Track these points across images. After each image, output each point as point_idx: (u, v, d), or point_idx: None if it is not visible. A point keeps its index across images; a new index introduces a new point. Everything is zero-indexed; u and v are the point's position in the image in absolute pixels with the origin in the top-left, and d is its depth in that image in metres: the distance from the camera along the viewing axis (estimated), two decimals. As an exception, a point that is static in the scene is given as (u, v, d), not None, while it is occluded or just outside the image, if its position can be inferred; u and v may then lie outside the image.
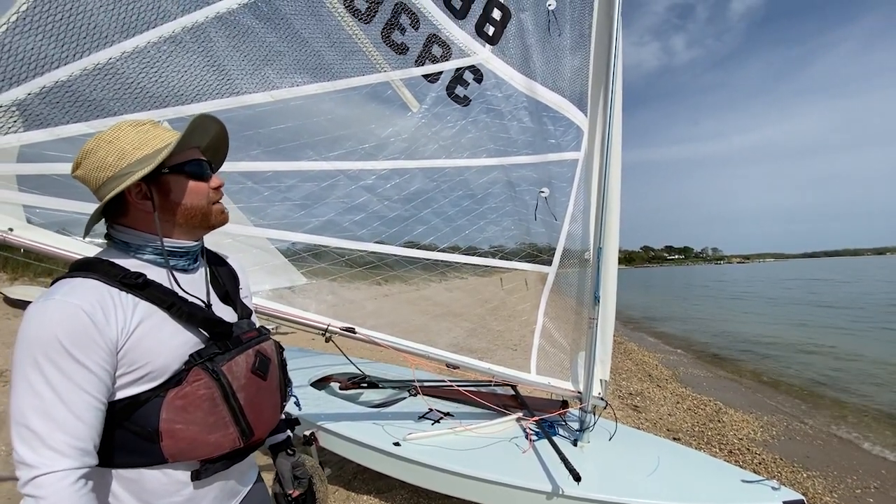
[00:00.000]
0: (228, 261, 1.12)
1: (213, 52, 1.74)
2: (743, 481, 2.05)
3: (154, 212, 0.89)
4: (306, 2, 1.90)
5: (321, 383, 3.50)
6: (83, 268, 0.82)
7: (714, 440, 4.34)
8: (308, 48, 1.93)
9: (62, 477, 0.69)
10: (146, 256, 0.90)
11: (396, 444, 2.35)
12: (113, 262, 0.84)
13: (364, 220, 2.20)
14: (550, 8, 2.39)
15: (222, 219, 0.99)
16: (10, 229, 1.50)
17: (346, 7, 2.00)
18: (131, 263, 0.87)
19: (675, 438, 4.25)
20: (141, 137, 0.88)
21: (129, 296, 0.81)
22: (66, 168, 1.57)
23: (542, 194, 2.53)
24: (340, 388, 3.37)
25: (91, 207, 1.02)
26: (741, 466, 3.18)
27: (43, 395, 0.70)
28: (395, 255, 2.28)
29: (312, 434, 1.47)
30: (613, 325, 2.59)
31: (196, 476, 0.85)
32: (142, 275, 0.84)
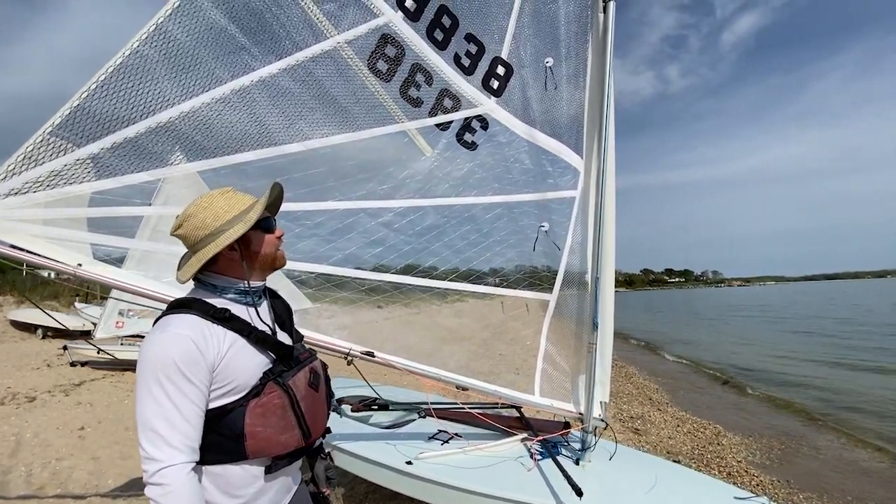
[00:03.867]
0: (281, 294, 1.31)
1: (256, 110, 1.96)
2: (735, 498, 2.15)
3: (242, 261, 1.09)
4: (335, 65, 2.14)
5: (333, 406, 3.60)
6: (183, 305, 1.01)
7: (713, 462, 4.38)
8: (336, 104, 2.16)
9: (181, 469, 0.86)
10: (229, 295, 1.09)
11: (409, 462, 2.44)
12: (205, 301, 1.03)
13: (382, 252, 2.38)
14: (548, 65, 2.64)
15: (284, 262, 1.20)
16: (80, 265, 1.69)
17: (370, 69, 2.24)
18: (217, 301, 1.06)
19: (675, 460, 4.29)
20: (229, 202, 1.09)
21: (219, 327, 1.00)
22: (127, 211, 1.78)
23: (543, 228, 2.71)
24: (352, 411, 3.47)
25: (146, 245, 1.32)
26: (739, 487, 3.25)
27: (164, 405, 0.87)
28: (409, 285, 2.44)
29: (328, 453, 1.60)
30: (611, 350, 2.72)
31: (268, 470, 1.01)
32: (227, 310, 1.03)
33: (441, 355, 2.55)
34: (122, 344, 7.72)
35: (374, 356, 2.21)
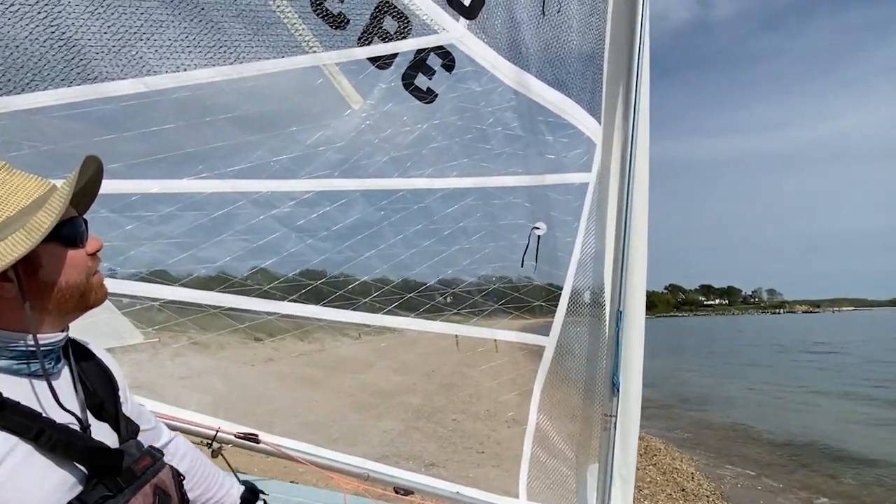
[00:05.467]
0: (93, 350, 1.24)
1: (60, 19, 1.86)
2: None
3: (22, 300, 1.01)
4: (203, -49, 2.08)
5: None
6: None
7: None
8: (203, 17, 2.09)
9: None
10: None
11: None
12: None
13: (276, 266, 2.33)
14: (551, -28, 2.71)
15: (102, 294, 1.14)
16: None
17: (262, -40, 2.19)
18: None
19: None
20: None
21: None
22: None
23: (537, 231, 2.76)
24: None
25: None
26: None
27: None
28: (320, 320, 2.40)
29: None
30: (638, 425, 2.81)
31: None
32: None
33: (365, 432, 2.54)
34: None
35: (258, 441, 2.15)
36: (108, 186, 1.99)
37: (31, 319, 1.01)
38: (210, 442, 2.08)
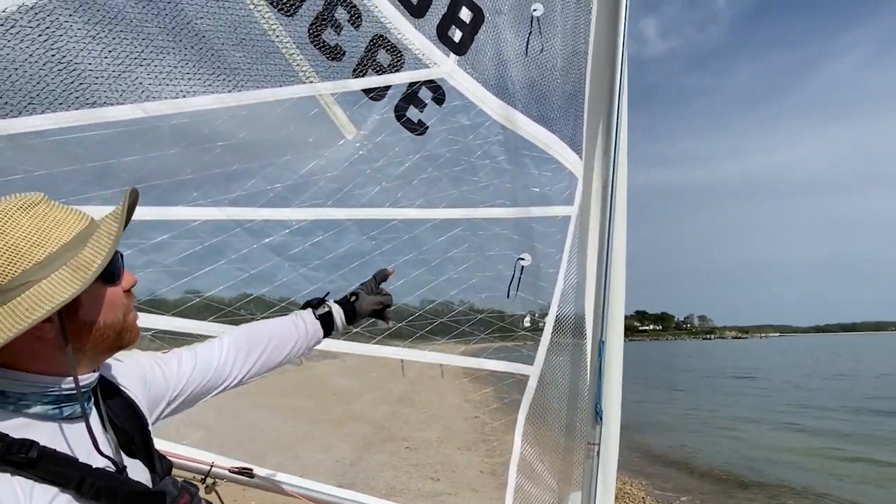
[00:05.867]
0: (119, 382, 1.20)
1: (62, 43, 1.81)
2: None
3: (64, 342, 0.96)
4: (206, -21, 2.07)
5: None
6: None
7: None
8: (204, 45, 2.08)
9: None
10: (34, 409, 0.96)
11: None
12: None
13: (269, 295, 2.30)
14: (536, 14, 2.80)
15: (136, 334, 1.12)
16: None
17: (264, -8, 2.20)
18: (11, 425, 0.92)
19: None
20: (39, 225, 0.96)
21: (17, 481, 0.86)
22: None
23: (522, 262, 2.81)
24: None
25: None
26: None
27: None
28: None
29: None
30: (617, 453, 2.87)
31: None
32: (32, 443, 0.89)
33: (364, 465, 2.50)
34: None
35: (252, 475, 2.09)
36: (103, 213, 1.94)
37: (73, 362, 0.97)
38: (204, 478, 2.02)
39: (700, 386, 33.99)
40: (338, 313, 1.79)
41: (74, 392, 0.99)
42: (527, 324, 2.93)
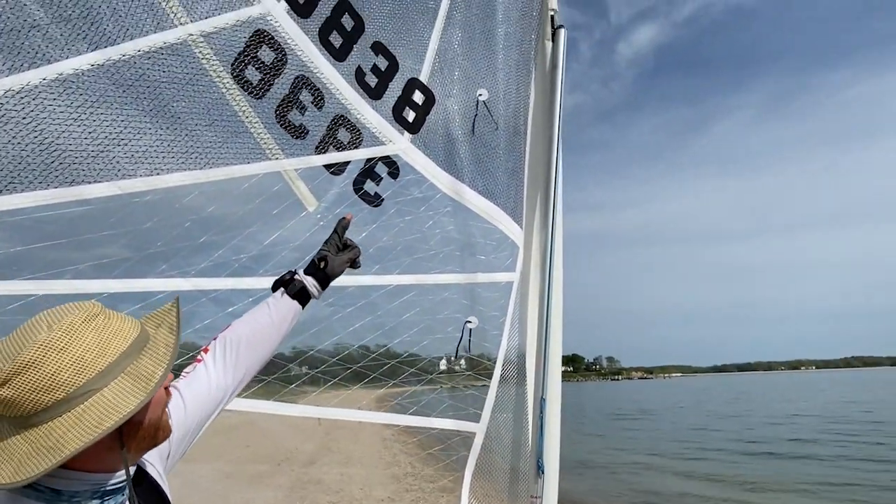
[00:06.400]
0: (146, 467, 1.27)
1: (45, 125, 1.88)
2: None
3: (120, 444, 1.04)
4: (183, 67, 2.19)
5: None
6: None
7: None
8: (179, 125, 2.18)
9: None
10: None
11: None
12: None
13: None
14: (481, 98, 3.07)
15: (169, 432, 1.18)
16: None
17: (235, 77, 2.33)
18: None
19: None
20: (101, 338, 1.02)
21: None
22: None
23: (469, 325, 3.00)
24: None
25: None
26: None
27: None
28: (273, 415, 2.44)
29: None
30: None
31: None
32: None
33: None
34: None
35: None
36: (74, 286, 2.00)
37: (127, 462, 1.04)
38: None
39: (606, 429, 34.84)
40: (311, 284, 1.78)
41: (118, 486, 1.08)
42: (442, 367, 3.09)
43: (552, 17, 3.21)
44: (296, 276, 1.77)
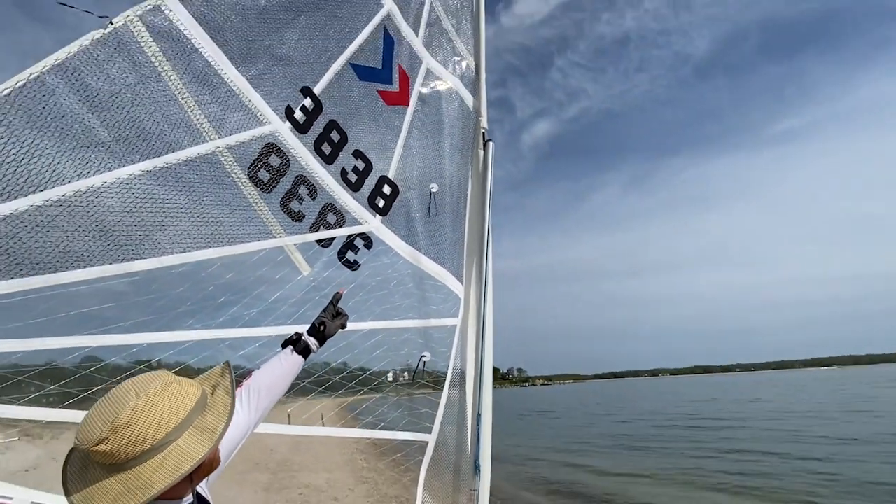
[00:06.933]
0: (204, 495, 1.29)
1: (105, 217, 1.91)
2: None
3: (190, 480, 1.09)
4: (212, 171, 2.27)
5: None
6: None
7: None
8: (207, 214, 2.24)
9: None
10: None
11: None
12: None
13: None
14: (433, 190, 3.25)
15: (218, 463, 1.22)
16: None
17: (250, 178, 2.42)
18: None
19: None
20: (175, 401, 1.07)
21: None
22: None
23: (424, 359, 3.09)
24: None
25: None
26: None
27: None
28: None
29: None
30: (488, 495, 3.10)
31: None
32: None
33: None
34: None
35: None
36: (119, 339, 2.00)
37: (195, 490, 1.10)
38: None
39: (516, 426, 34.38)
40: (313, 343, 1.81)
41: None
42: (389, 378, 3.15)
43: (483, 132, 3.44)
44: (302, 338, 1.81)
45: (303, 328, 2.65)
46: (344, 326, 1.97)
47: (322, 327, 1.87)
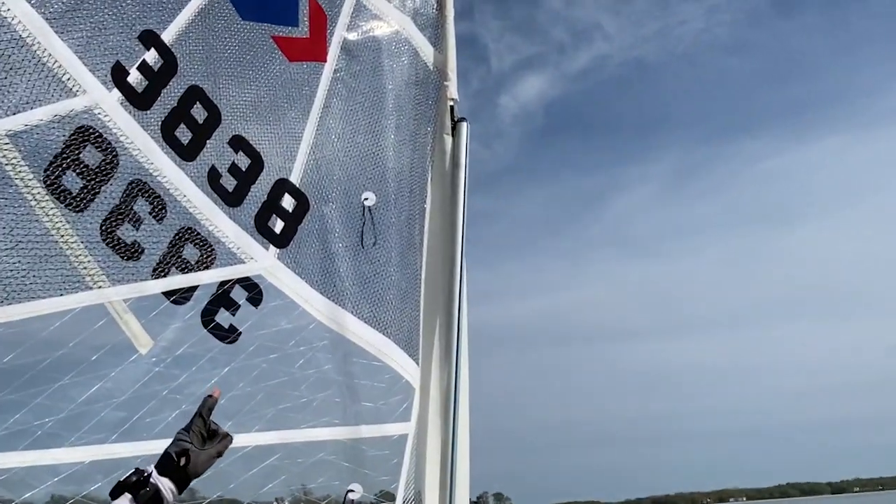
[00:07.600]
0: None
1: None
2: None
3: None
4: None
5: None
6: None
7: None
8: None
9: None
10: None
11: None
12: None
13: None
14: (367, 204, 3.23)
15: None
16: None
17: (48, 186, 2.34)
18: None
19: None
20: None
21: None
22: None
23: (352, 495, 3.01)
24: None
25: None
26: None
27: None
28: None
29: None
30: None
31: None
32: None
33: None
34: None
35: None
36: None
37: None
38: None
39: None
40: (167, 488, 1.70)
41: None
42: None
43: (451, 107, 3.47)
44: (150, 479, 1.70)
45: (144, 456, 2.57)
46: (220, 454, 1.90)
47: (184, 460, 1.78)
